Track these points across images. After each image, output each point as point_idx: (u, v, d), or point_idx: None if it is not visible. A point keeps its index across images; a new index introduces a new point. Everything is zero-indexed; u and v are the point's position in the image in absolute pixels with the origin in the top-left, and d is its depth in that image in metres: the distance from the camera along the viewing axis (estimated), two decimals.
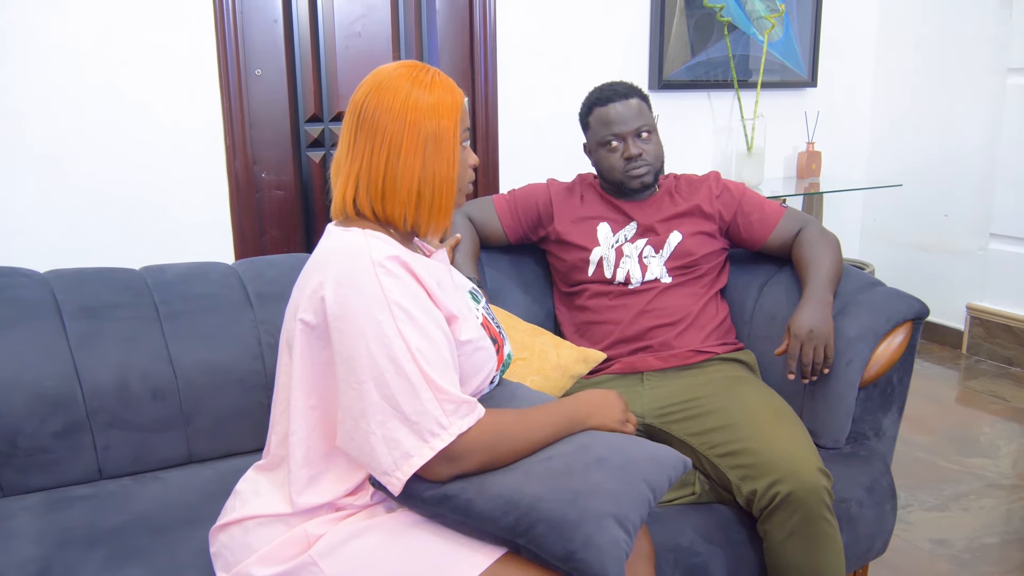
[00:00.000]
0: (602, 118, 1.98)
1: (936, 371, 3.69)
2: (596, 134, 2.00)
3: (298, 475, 1.24)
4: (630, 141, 1.96)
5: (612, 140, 1.97)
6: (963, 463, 2.79)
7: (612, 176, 2.01)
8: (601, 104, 1.98)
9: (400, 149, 1.23)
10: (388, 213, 1.26)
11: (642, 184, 2.00)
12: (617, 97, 1.97)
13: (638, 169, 1.97)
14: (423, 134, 1.23)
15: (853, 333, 1.82)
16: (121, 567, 1.38)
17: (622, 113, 1.96)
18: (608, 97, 1.98)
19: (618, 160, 1.98)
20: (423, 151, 1.24)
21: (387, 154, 1.23)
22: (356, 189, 1.26)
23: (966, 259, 3.87)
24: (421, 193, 1.25)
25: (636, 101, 1.98)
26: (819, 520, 1.54)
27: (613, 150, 1.98)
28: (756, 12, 3.67)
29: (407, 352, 1.15)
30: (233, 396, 1.79)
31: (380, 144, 1.23)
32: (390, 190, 1.24)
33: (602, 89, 2.01)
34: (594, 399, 1.38)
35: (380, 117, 1.23)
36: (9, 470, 1.61)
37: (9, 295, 1.68)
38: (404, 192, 1.24)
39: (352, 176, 1.26)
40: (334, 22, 2.95)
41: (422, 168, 1.24)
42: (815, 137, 3.91)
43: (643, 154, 1.97)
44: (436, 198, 1.26)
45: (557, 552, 1.16)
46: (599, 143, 2.00)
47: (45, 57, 2.50)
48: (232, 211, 2.84)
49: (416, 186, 1.24)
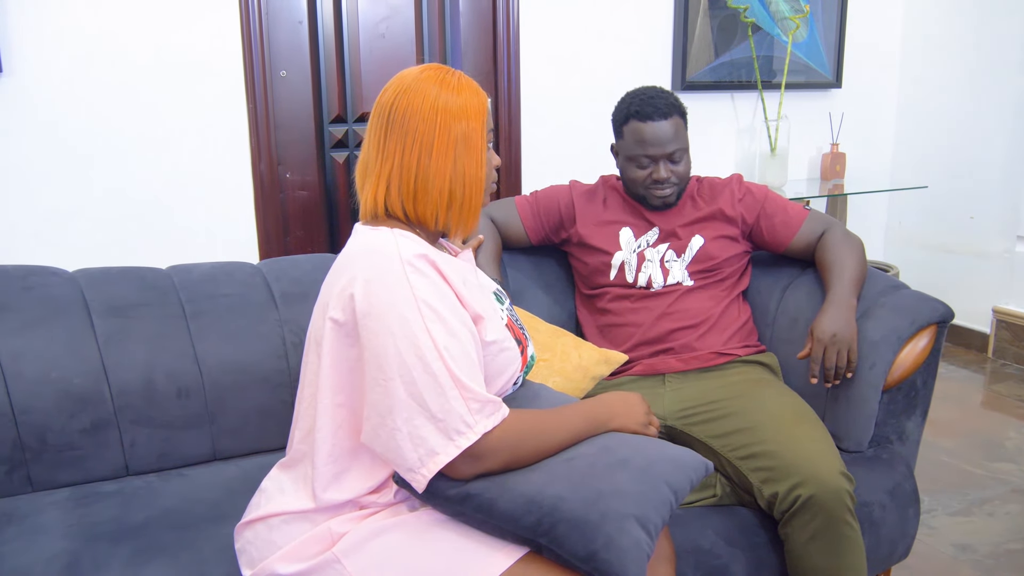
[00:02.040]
0: (637, 134, 1.92)
1: (961, 374, 3.66)
2: (628, 148, 1.96)
3: (323, 471, 1.25)
4: (661, 164, 1.93)
5: (644, 160, 1.93)
6: (988, 468, 2.77)
7: (634, 189, 1.99)
8: (640, 119, 1.91)
9: (432, 149, 1.24)
10: (420, 213, 1.27)
11: (664, 204, 1.99)
12: (657, 116, 1.90)
13: (663, 190, 1.96)
14: (453, 134, 1.24)
15: (877, 336, 1.81)
16: (147, 562, 1.40)
17: (659, 135, 1.90)
18: (648, 114, 1.91)
19: (643, 177, 1.95)
20: (454, 151, 1.25)
21: (419, 154, 1.24)
22: (388, 189, 1.27)
23: (992, 261, 3.83)
24: (453, 192, 1.26)
25: (675, 121, 1.92)
26: (841, 524, 1.53)
27: (642, 167, 1.95)
28: (780, 13, 3.65)
29: (435, 350, 1.16)
30: (257, 394, 1.81)
31: (412, 144, 1.24)
32: (422, 190, 1.25)
33: (643, 101, 1.93)
34: (617, 401, 1.38)
35: (411, 118, 1.24)
36: (38, 466, 1.63)
37: (39, 294, 1.71)
38: (436, 192, 1.25)
39: (383, 177, 1.26)
40: (358, 24, 2.97)
41: (453, 168, 1.25)
42: (839, 138, 3.89)
43: (671, 176, 1.94)
44: (467, 197, 1.27)
45: (579, 552, 1.17)
46: (629, 157, 1.96)
47: (73, 62, 2.54)
48: (257, 211, 2.87)
49: (448, 185, 1.25)
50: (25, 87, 2.50)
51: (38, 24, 2.48)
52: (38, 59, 2.50)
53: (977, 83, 3.81)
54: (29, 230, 2.58)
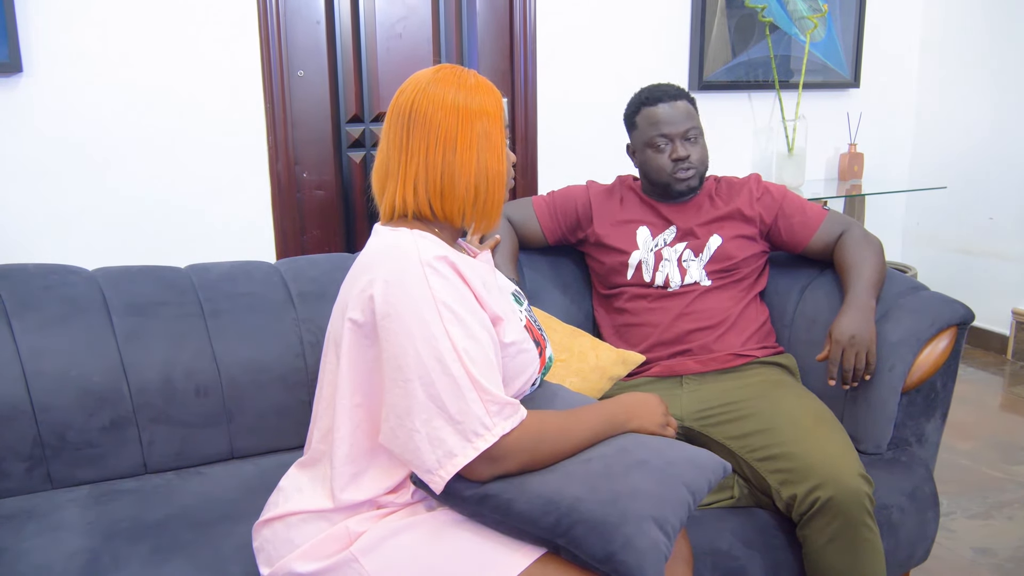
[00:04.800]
0: (650, 118, 1.97)
1: (980, 376, 3.63)
2: (643, 134, 1.99)
3: (341, 471, 1.25)
4: (678, 143, 1.95)
5: (660, 141, 1.96)
6: (1007, 471, 2.75)
7: (659, 177, 1.99)
8: (650, 104, 1.97)
9: (456, 145, 1.25)
10: (447, 210, 1.28)
11: (688, 187, 1.99)
12: (666, 98, 1.96)
13: (686, 171, 1.96)
14: (475, 130, 1.25)
15: (896, 338, 1.80)
16: (166, 560, 1.40)
17: (671, 114, 1.95)
18: (657, 97, 1.97)
19: (666, 161, 1.96)
20: (477, 146, 1.26)
21: (443, 151, 1.25)
22: (415, 189, 1.27)
23: (1012, 262, 3.79)
24: (478, 187, 1.27)
25: (684, 104, 1.97)
26: (860, 526, 1.52)
27: (660, 151, 1.96)
28: (798, 12, 3.63)
29: (453, 352, 1.16)
30: (275, 393, 1.81)
31: (435, 142, 1.25)
32: (448, 186, 1.26)
33: (651, 89, 2.00)
34: (635, 402, 1.38)
35: (432, 115, 1.25)
36: (58, 463, 1.65)
37: (59, 292, 1.72)
38: (463, 188, 1.26)
39: (409, 176, 1.27)
40: (375, 24, 2.97)
41: (477, 163, 1.26)
42: (857, 138, 3.86)
43: (690, 156, 1.96)
44: (491, 193, 1.29)
45: (597, 553, 1.16)
46: (646, 143, 1.98)
47: (92, 62, 2.55)
48: (274, 211, 2.88)
49: (473, 180, 1.26)
50: (45, 87, 2.52)
51: (58, 25, 2.49)
52: (58, 59, 2.51)
53: (997, 83, 3.78)
54: (49, 229, 2.60)
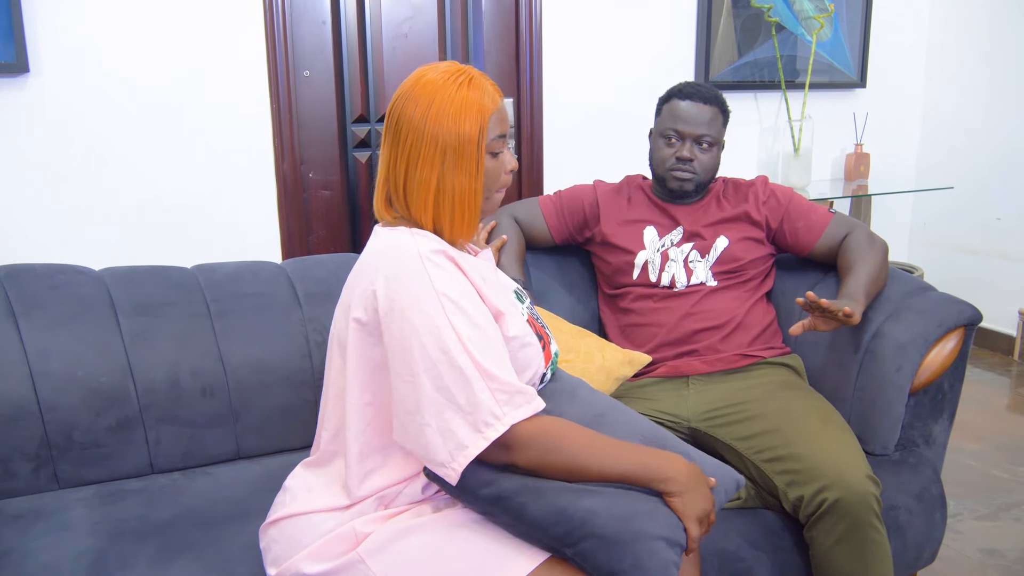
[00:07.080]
0: (673, 110, 1.97)
1: (987, 377, 3.62)
2: (662, 123, 1.99)
3: (355, 470, 1.26)
4: (688, 143, 1.95)
5: (672, 135, 1.96)
6: (1015, 472, 2.74)
7: (657, 168, 2.00)
8: (679, 98, 1.97)
9: (417, 160, 1.25)
10: (415, 218, 1.29)
11: (680, 188, 1.98)
12: (696, 97, 1.96)
13: (683, 173, 1.96)
14: (441, 145, 1.24)
15: (903, 339, 1.79)
16: (173, 560, 1.40)
17: (693, 114, 1.95)
18: (688, 94, 1.97)
19: (668, 155, 1.96)
20: (440, 163, 1.24)
21: (406, 164, 1.26)
22: (386, 194, 1.30)
23: (1018, 263, 3.78)
24: (439, 203, 1.26)
25: (712, 110, 1.96)
26: (867, 528, 1.52)
27: (669, 144, 1.97)
28: (804, 12, 3.62)
29: (458, 343, 1.16)
30: (281, 393, 1.81)
31: (400, 153, 1.26)
32: (411, 197, 1.27)
33: (688, 85, 2.00)
34: (686, 471, 1.24)
35: (403, 126, 1.25)
36: (64, 463, 1.65)
37: (66, 292, 1.72)
38: (421, 201, 1.26)
39: (381, 181, 1.30)
40: (381, 24, 2.97)
41: (439, 180, 1.25)
42: (864, 139, 3.86)
43: (694, 161, 1.95)
44: (457, 210, 1.27)
45: (603, 569, 1.16)
46: (660, 132, 1.99)
47: (98, 61, 2.55)
48: (280, 211, 2.88)
49: (433, 197, 1.26)
50: (52, 86, 2.52)
51: (65, 25, 2.50)
52: (65, 59, 2.52)
53: (1004, 83, 3.76)
54: (55, 229, 2.60)
